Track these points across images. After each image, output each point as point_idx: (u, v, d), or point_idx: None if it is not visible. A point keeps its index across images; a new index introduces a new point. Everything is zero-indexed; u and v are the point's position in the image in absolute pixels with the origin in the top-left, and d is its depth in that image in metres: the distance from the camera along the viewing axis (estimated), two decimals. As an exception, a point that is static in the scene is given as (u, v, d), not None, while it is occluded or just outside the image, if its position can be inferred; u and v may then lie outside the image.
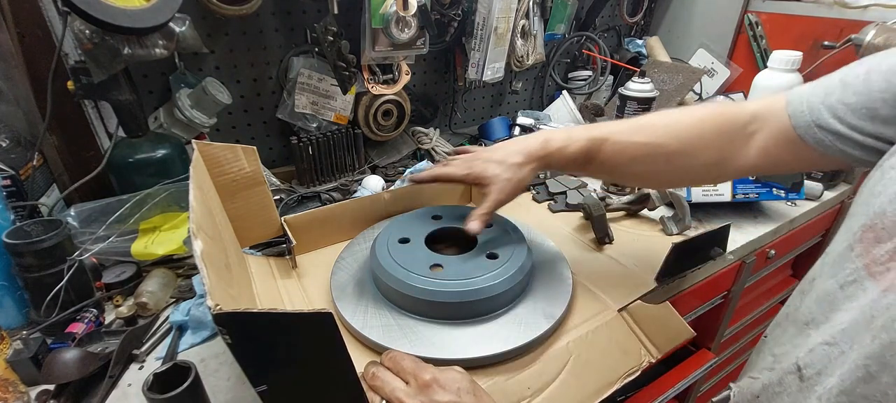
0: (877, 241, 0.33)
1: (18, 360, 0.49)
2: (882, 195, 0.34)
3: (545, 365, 0.52)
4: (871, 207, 0.35)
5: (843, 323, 0.34)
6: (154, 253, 0.65)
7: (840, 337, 0.34)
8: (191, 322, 0.58)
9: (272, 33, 0.91)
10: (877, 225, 0.33)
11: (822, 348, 0.35)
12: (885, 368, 0.29)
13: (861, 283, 0.33)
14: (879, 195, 0.34)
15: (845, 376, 0.32)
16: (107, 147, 0.75)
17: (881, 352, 0.30)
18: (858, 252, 0.34)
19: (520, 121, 1.12)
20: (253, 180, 0.63)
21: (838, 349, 0.33)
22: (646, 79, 0.82)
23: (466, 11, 1.02)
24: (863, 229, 0.35)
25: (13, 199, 0.65)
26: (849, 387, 0.32)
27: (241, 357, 0.33)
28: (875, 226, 0.34)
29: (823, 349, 0.35)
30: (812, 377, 0.35)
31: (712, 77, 1.28)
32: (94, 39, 0.63)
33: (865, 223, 0.35)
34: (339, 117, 0.98)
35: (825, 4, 1.06)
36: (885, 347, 0.30)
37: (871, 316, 0.31)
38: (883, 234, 0.33)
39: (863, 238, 0.34)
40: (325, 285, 0.63)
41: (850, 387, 0.32)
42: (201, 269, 0.33)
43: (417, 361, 0.45)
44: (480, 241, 0.62)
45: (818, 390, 0.34)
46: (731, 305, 0.91)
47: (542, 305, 0.57)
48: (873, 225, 0.34)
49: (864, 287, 0.33)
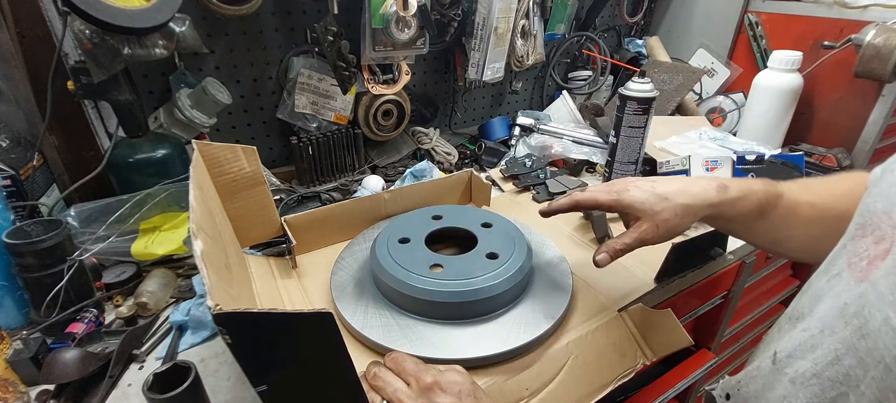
0: (862, 236, 0.34)
1: (18, 360, 0.49)
2: (874, 195, 0.35)
3: (544, 366, 0.52)
4: (864, 205, 0.36)
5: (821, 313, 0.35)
6: (154, 253, 0.65)
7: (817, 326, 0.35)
8: (191, 322, 0.58)
9: (272, 33, 0.91)
10: (866, 223, 0.35)
11: (798, 334, 0.36)
12: (849, 350, 0.30)
13: (841, 275, 0.35)
14: (873, 194, 0.36)
15: (818, 359, 0.33)
16: (107, 147, 0.75)
17: (849, 337, 0.31)
18: (849, 249, 0.36)
19: (520, 121, 1.12)
20: (253, 180, 0.63)
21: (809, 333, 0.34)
22: (646, 79, 0.82)
23: (466, 11, 1.02)
24: (856, 228, 0.36)
25: (13, 199, 0.65)
26: (819, 370, 0.33)
27: (241, 357, 0.33)
28: (864, 224, 0.35)
29: (799, 335, 0.36)
30: (783, 359, 0.36)
31: (712, 77, 1.28)
32: (94, 39, 0.63)
33: (858, 222, 0.36)
34: (339, 117, 0.98)
35: (825, 4, 1.06)
36: (853, 332, 0.31)
37: (845, 304, 0.32)
38: (867, 229, 0.34)
39: (854, 235, 0.36)
40: (325, 285, 0.63)
41: (820, 370, 0.33)
42: (201, 269, 0.33)
43: (419, 363, 0.45)
44: (480, 241, 0.62)
45: (789, 372, 0.35)
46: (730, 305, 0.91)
47: (542, 305, 0.57)
48: (863, 223, 0.35)
49: (843, 278, 0.34)
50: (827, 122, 1.08)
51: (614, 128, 0.88)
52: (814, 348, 0.34)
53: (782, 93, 1.03)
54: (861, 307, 0.30)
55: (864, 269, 0.32)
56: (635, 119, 0.84)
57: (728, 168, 0.80)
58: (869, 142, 1.00)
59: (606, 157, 0.93)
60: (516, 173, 0.96)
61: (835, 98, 1.06)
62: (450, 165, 1.06)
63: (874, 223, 0.34)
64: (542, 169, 0.97)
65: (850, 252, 0.35)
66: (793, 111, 1.05)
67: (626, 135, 0.86)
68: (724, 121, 1.21)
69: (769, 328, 0.46)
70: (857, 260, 0.33)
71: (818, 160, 0.98)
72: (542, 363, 0.52)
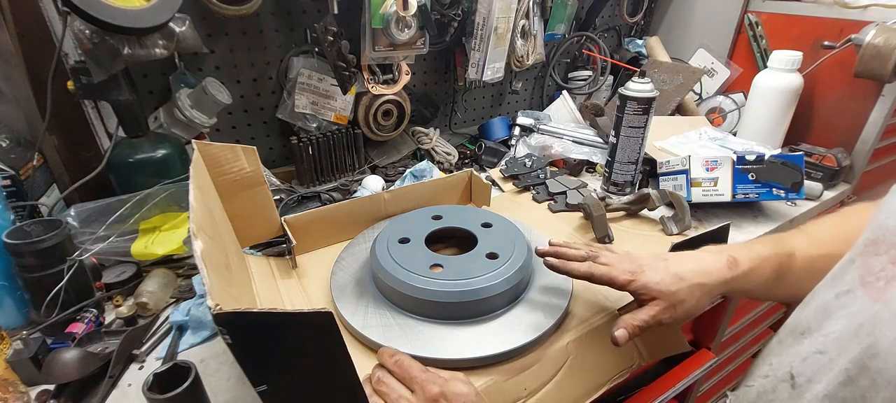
0: (875, 254, 0.34)
1: (18, 360, 0.49)
2: (885, 209, 0.35)
3: (543, 366, 0.52)
4: (876, 221, 0.36)
5: (834, 332, 0.34)
6: (154, 253, 0.65)
7: (830, 346, 0.34)
8: (191, 322, 0.58)
9: (272, 33, 0.91)
10: (879, 239, 0.34)
11: (814, 356, 0.35)
12: (863, 371, 0.30)
13: (854, 293, 0.34)
14: (885, 211, 0.35)
15: (830, 381, 0.32)
16: (107, 147, 0.75)
17: (861, 356, 0.30)
18: (858, 264, 0.35)
19: (520, 122, 1.12)
20: (253, 180, 0.63)
21: (828, 356, 0.34)
22: (646, 79, 0.82)
23: (466, 11, 1.02)
24: (866, 243, 0.35)
25: (13, 199, 0.65)
26: (832, 391, 0.32)
27: (241, 357, 0.33)
28: (877, 240, 0.34)
29: (816, 357, 0.35)
30: (803, 384, 0.36)
31: (712, 77, 1.28)
32: (94, 39, 0.63)
33: (869, 237, 0.35)
34: (339, 117, 0.98)
35: (825, 4, 1.06)
36: (864, 351, 0.30)
37: (860, 325, 0.32)
38: (881, 247, 0.33)
39: (864, 251, 0.35)
40: (325, 285, 0.63)
41: (833, 391, 0.32)
42: (201, 269, 0.33)
43: (425, 369, 0.44)
44: (480, 241, 0.62)
45: (808, 396, 0.35)
46: (731, 305, 0.91)
47: (542, 305, 0.57)
48: (876, 239, 0.34)
49: (856, 296, 0.34)
50: (827, 122, 1.08)
51: (614, 128, 0.88)
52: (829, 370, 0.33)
53: (782, 93, 1.03)
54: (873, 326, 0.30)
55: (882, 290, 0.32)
56: (635, 119, 0.84)
57: (728, 168, 0.80)
58: (869, 142, 1.00)
59: (606, 157, 0.93)
60: (516, 173, 0.96)
61: (835, 98, 1.06)
62: (450, 165, 1.06)
63: (889, 240, 0.33)
64: (542, 169, 0.97)
65: (862, 267, 0.34)
66: (793, 111, 1.05)
67: (626, 135, 0.86)
68: (724, 121, 1.21)
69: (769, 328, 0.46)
70: (872, 279, 0.33)
71: (818, 160, 0.98)
72: (542, 363, 0.52)
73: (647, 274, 0.49)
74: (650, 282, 0.48)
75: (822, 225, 0.53)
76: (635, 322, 0.48)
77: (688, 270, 0.49)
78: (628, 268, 0.50)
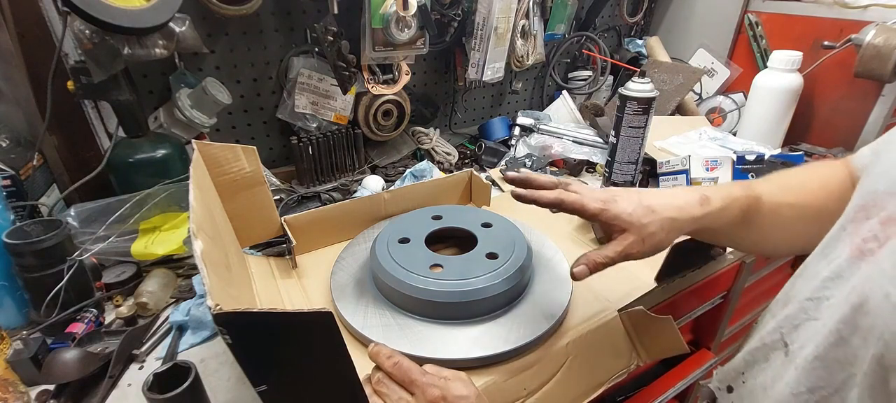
0: (866, 219, 0.34)
1: (18, 360, 0.49)
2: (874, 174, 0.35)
3: (543, 366, 0.52)
4: (865, 187, 0.36)
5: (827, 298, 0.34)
6: (154, 253, 0.65)
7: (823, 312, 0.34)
8: (191, 322, 0.58)
9: (272, 33, 0.91)
10: (869, 204, 0.34)
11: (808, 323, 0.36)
12: (855, 330, 0.30)
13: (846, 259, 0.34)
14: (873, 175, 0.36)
15: (820, 342, 0.33)
16: (107, 147, 0.75)
17: (852, 315, 0.30)
18: (850, 231, 0.35)
19: (520, 122, 1.12)
20: (253, 180, 0.63)
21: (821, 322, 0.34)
22: (646, 80, 0.82)
23: (466, 11, 1.02)
24: (856, 209, 0.35)
25: (13, 199, 0.65)
26: (822, 352, 0.32)
27: (241, 357, 0.33)
28: (867, 205, 0.34)
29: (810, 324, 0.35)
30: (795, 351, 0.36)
31: (712, 77, 1.28)
32: (94, 39, 0.63)
33: (859, 203, 0.36)
34: (339, 117, 0.98)
35: (825, 4, 1.06)
36: (854, 309, 0.30)
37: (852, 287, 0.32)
38: (872, 211, 0.34)
39: (855, 217, 0.35)
40: (325, 285, 0.63)
41: (823, 352, 0.32)
42: (201, 269, 0.33)
43: (426, 373, 0.44)
44: (480, 241, 0.62)
45: (798, 360, 0.35)
46: (730, 305, 0.91)
47: (542, 305, 0.57)
48: (866, 204, 0.35)
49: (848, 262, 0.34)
50: (827, 122, 1.08)
51: (614, 128, 0.88)
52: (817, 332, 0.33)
53: (782, 93, 1.03)
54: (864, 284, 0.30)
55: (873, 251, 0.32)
56: (635, 119, 0.84)
57: (728, 168, 0.80)
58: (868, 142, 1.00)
59: (606, 157, 0.93)
60: (516, 173, 0.96)
61: (835, 98, 1.06)
62: (450, 165, 1.06)
63: (879, 204, 0.33)
64: (543, 169, 0.97)
65: (853, 234, 0.34)
66: (793, 111, 1.05)
67: (626, 135, 0.86)
68: (724, 121, 1.21)
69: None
70: (862, 242, 0.33)
71: (818, 160, 0.98)
72: (542, 363, 0.52)
73: (619, 204, 0.47)
74: (622, 212, 0.46)
75: (789, 174, 0.53)
76: (598, 257, 0.46)
77: (660, 203, 0.47)
78: (600, 197, 0.48)
